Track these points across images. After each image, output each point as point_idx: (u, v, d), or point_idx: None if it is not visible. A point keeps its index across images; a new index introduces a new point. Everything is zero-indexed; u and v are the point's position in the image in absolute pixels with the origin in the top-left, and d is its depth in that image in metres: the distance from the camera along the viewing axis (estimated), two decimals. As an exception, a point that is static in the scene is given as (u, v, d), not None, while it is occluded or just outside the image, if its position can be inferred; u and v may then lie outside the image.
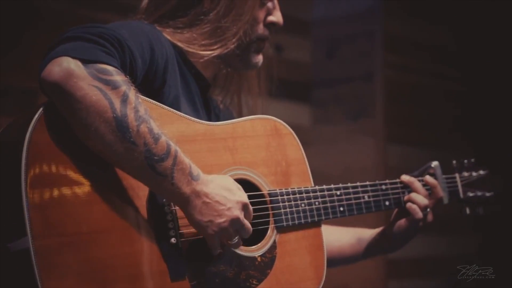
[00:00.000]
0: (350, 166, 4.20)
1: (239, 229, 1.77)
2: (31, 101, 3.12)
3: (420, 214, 2.21)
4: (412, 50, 4.30)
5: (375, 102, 4.15)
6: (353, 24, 4.21)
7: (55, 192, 1.59)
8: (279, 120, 2.02)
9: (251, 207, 1.80)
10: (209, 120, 2.08)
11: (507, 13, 4.44)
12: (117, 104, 1.60)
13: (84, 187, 1.62)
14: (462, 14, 4.55)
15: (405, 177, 2.26)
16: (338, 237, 2.32)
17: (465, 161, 2.44)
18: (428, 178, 2.29)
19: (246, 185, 1.91)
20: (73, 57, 1.59)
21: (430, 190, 2.27)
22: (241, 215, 1.75)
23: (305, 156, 2.04)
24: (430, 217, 2.25)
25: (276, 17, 2.10)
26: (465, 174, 2.42)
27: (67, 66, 1.58)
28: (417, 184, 2.25)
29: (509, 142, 4.33)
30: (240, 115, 2.22)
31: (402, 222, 2.25)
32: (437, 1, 4.43)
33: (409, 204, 2.22)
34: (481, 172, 2.43)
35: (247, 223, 1.77)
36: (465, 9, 4.55)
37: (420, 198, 2.23)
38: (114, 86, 1.61)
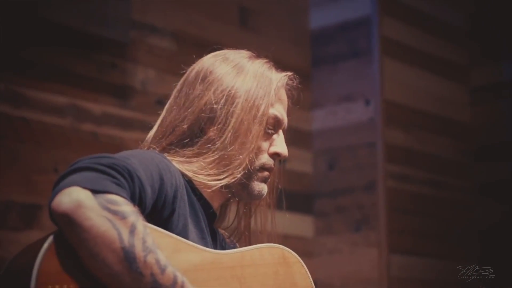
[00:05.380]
0: (353, 277, 4.18)
1: None
2: (33, 216, 3.12)
3: None
4: (412, 160, 4.34)
5: (377, 212, 4.15)
6: (353, 135, 4.26)
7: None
8: (287, 248, 2.02)
9: None
10: (215, 248, 2.06)
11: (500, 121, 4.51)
12: (125, 234, 1.61)
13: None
14: (458, 122, 4.62)
15: None
16: None
17: None
18: None
19: (254, 314, 1.88)
20: (83, 187, 1.62)
21: None
22: None
23: (313, 285, 2.03)
24: None
25: (280, 148, 2.08)
26: None
27: (76, 197, 1.60)
28: None
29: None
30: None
31: None
32: (434, 113, 4.50)
33: None
34: None
35: None
36: (460, 119, 4.63)
37: None
38: (122, 217, 1.63)
